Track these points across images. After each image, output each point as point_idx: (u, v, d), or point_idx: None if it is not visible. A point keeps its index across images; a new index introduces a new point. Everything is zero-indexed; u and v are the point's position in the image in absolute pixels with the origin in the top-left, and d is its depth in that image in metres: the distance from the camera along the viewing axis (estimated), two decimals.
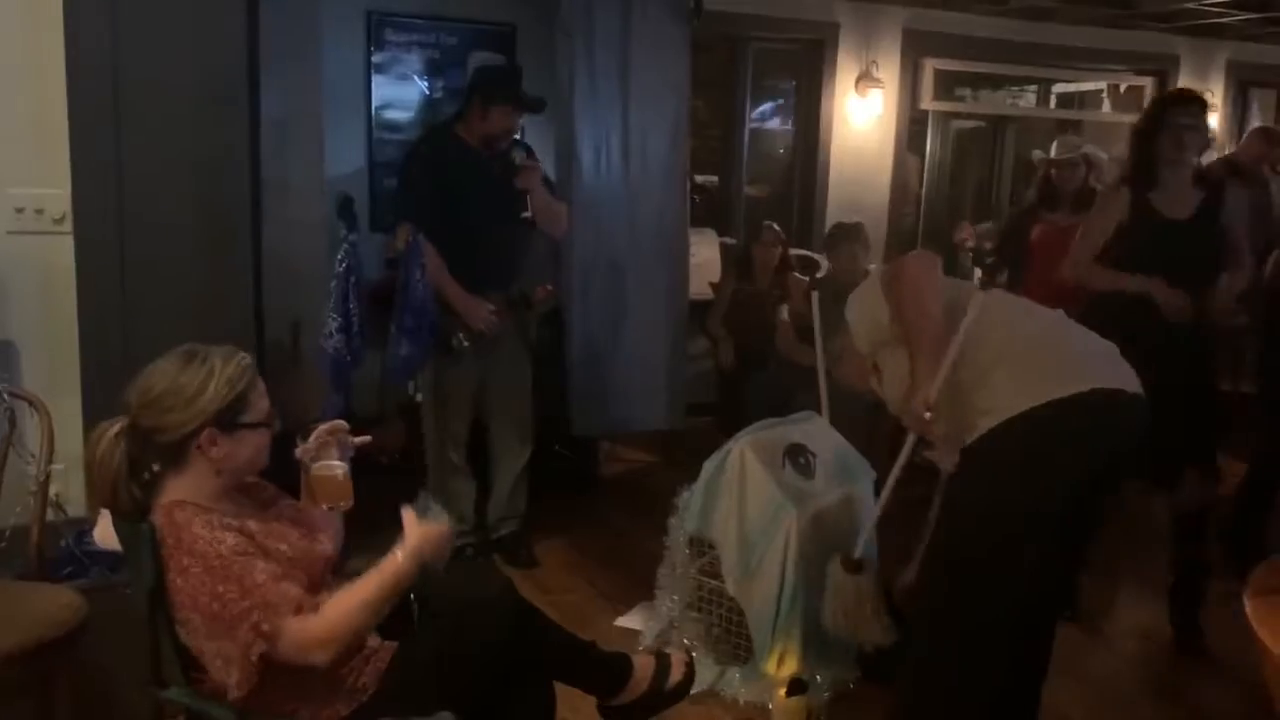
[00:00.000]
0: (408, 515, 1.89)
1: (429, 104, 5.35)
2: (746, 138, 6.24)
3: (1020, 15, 6.31)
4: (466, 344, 3.58)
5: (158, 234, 3.02)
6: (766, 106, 6.62)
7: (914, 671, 2.36)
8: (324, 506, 2.05)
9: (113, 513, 1.92)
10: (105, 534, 2.74)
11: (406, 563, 1.82)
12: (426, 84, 5.34)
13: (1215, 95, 7.19)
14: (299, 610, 1.75)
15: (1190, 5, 5.89)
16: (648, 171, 4.55)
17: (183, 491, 1.86)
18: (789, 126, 6.49)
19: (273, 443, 1.96)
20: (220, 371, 1.85)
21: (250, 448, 1.89)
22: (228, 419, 1.84)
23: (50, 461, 2.54)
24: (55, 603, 2.31)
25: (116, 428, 1.88)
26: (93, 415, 3.01)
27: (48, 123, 2.98)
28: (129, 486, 1.87)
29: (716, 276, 5.59)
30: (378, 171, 5.28)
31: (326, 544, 2.01)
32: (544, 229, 3.82)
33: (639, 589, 3.67)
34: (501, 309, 3.65)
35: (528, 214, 3.63)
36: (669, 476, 5.06)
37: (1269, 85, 7.65)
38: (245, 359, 1.91)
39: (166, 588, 1.80)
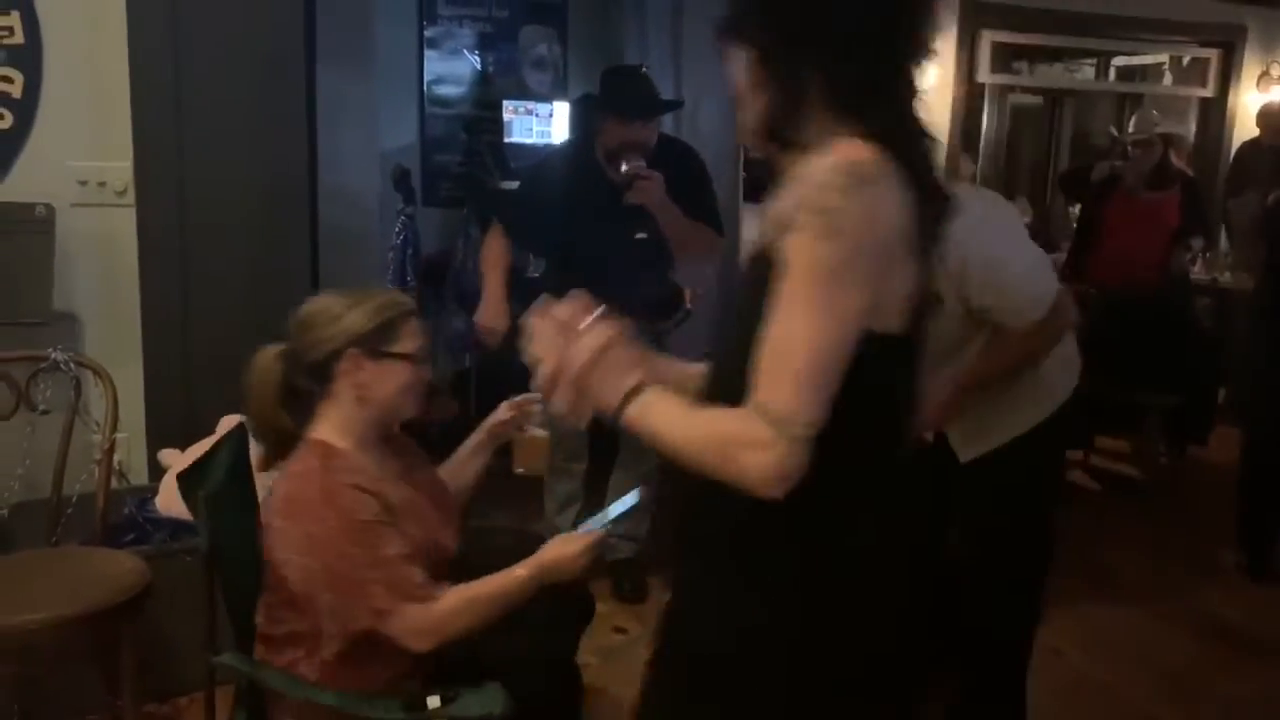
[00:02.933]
0: (555, 540, 1.88)
1: (480, 78, 5.35)
2: None
3: None
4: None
5: (217, 206, 3.05)
6: None
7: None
8: (520, 470, 2.07)
9: (263, 438, 1.92)
10: (167, 501, 2.80)
11: (527, 581, 1.81)
12: (478, 58, 5.34)
13: None
14: (416, 598, 1.76)
15: None
16: (699, 140, 4.51)
17: (332, 426, 1.86)
18: None
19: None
20: (370, 299, 1.88)
21: (396, 380, 1.87)
22: (373, 343, 1.84)
23: (115, 430, 2.58)
24: (120, 568, 2.35)
25: (276, 350, 1.89)
26: (153, 385, 3.07)
27: (110, 96, 3.01)
28: (280, 410, 1.89)
29: None
30: (429, 146, 5.31)
31: (451, 538, 2.00)
32: (679, 255, 3.42)
33: None
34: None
35: (643, 235, 3.21)
36: None
37: None
38: (402, 297, 1.96)
39: (266, 537, 1.80)
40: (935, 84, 6.07)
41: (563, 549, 1.84)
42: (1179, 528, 4.29)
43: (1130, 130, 4.81)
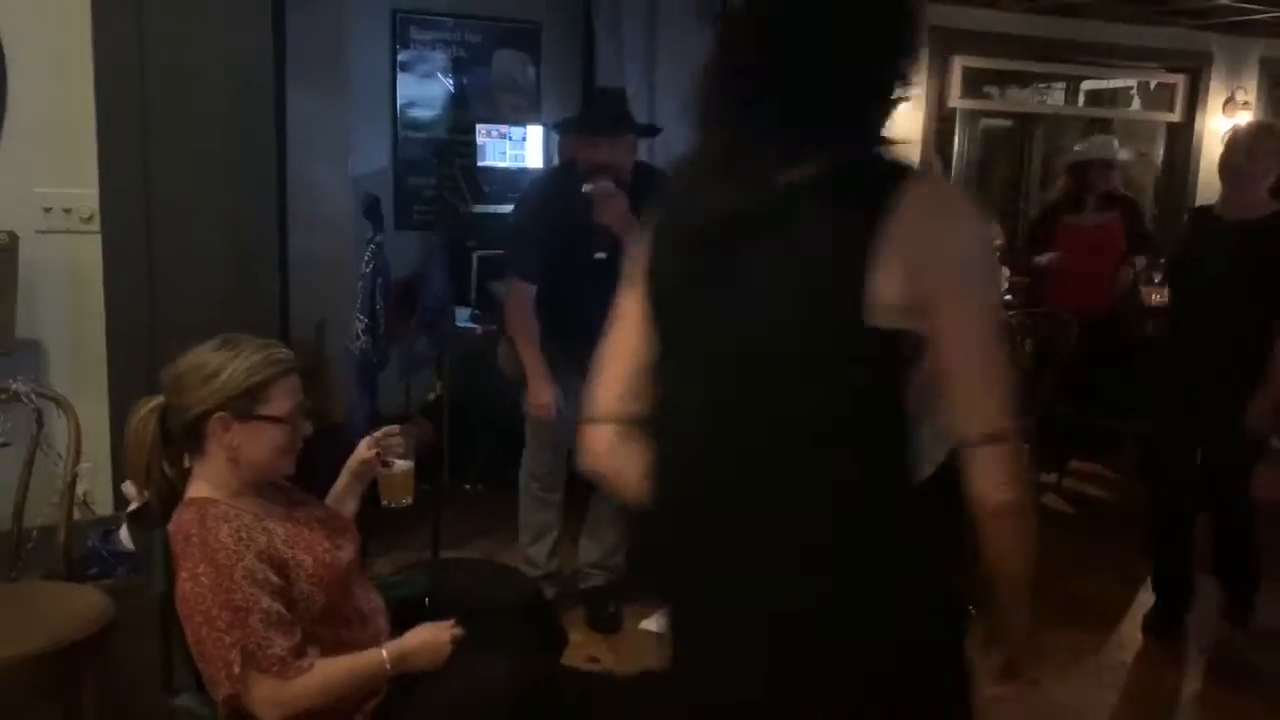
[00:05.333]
0: (422, 628, 1.91)
1: (453, 102, 5.34)
2: None
3: (1050, 11, 6.23)
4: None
5: (185, 233, 3.01)
6: None
7: None
8: (386, 503, 2.09)
9: (144, 491, 1.90)
10: (130, 534, 2.75)
11: (389, 666, 1.84)
12: (451, 82, 5.33)
13: (1248, 93, 7.10)
14: (271, 672, 1.73)
15: (1224, 2, 5.81)
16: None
17: (207, 483, 1.85)
18: None
19: (306, 446, 1.94)
20: (246, 357, 1.83)
21: (266, 442, 1.85)
22: (243, 406, 1.81)
23: (78, 461, 2.54)
24: (83, 603, 2.32)
25: (152, 404, 1.88)
26: (119, 415, 3.03)
27: (75, 123, 2.99)
28: (160, 465, 1.87)
29: None
30: (402, 170, 5.29)
31: (349, 550, 1.99)
32: None
33: None
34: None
35: (601, 255, 3.11)
36: None
37: None
38: (280, 353, 1.89)
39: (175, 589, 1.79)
40: (908, 110, 6.13)
41: (428, 637, 1.88)
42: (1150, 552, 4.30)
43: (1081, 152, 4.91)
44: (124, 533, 2.75)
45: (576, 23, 5.29)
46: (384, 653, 1.84)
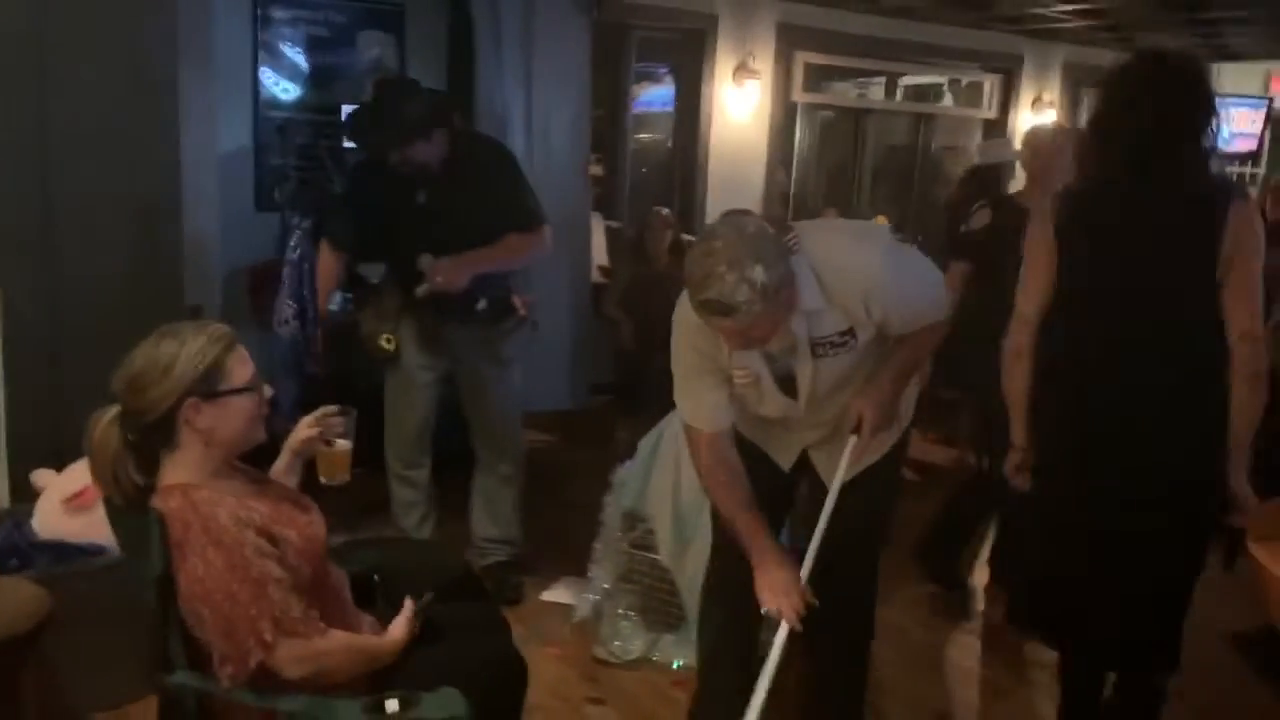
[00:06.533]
0: (408, 608, 2.03)
1: (316, 82, 5.26)
2: (630, 124, 6.38)
3: (884, 13, 6.65)
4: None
5: (84, 212, 2.93)
6: (653, 92, 6.77)
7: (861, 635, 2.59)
8: (324, 480, 2.14)
9: (113, 499, 1.91)
10: (47, 524, 2.69)
11: (389, 652, 1.97)
12: (315, 62, 5.24)
13: (1053, 93, 7.78)
14: (297, 633, 1.81)
15: (1037, 10, 6.36)
16: (551, 155, 4.65)
17: (181, 471, 1.87)
18: (670, 111, 6.66)
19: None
20: (190, 342, 1.86)
21: (238, 414, 1.90)
22: (206, 387, 1.85)
23: None
24: (18, 595, 2.27)
25: (110, 414, 1.88)
26: (15, 403, 2.93)
27: None
28: (128, 471, 1.88)
29: (603, 259, 5.72)
30: (263, 150, 5.17)
31: (321, 524, 2.06)
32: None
33: (555, 564, 3.79)
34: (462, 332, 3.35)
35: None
36: (568, 455, 5.22)
37: (1096, 85, 8.27)
38: (218, 329, 1.93)
39: (175, 575, 1.82)
40: (757, 101, 6.44)
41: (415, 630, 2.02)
42: None
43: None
44: (39, 521, 2.69)
45: (441, 4, 5.32)
46: (389, 633, 1.97)
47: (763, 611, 2.13)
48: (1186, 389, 2.19)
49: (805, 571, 2.16)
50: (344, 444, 2.24)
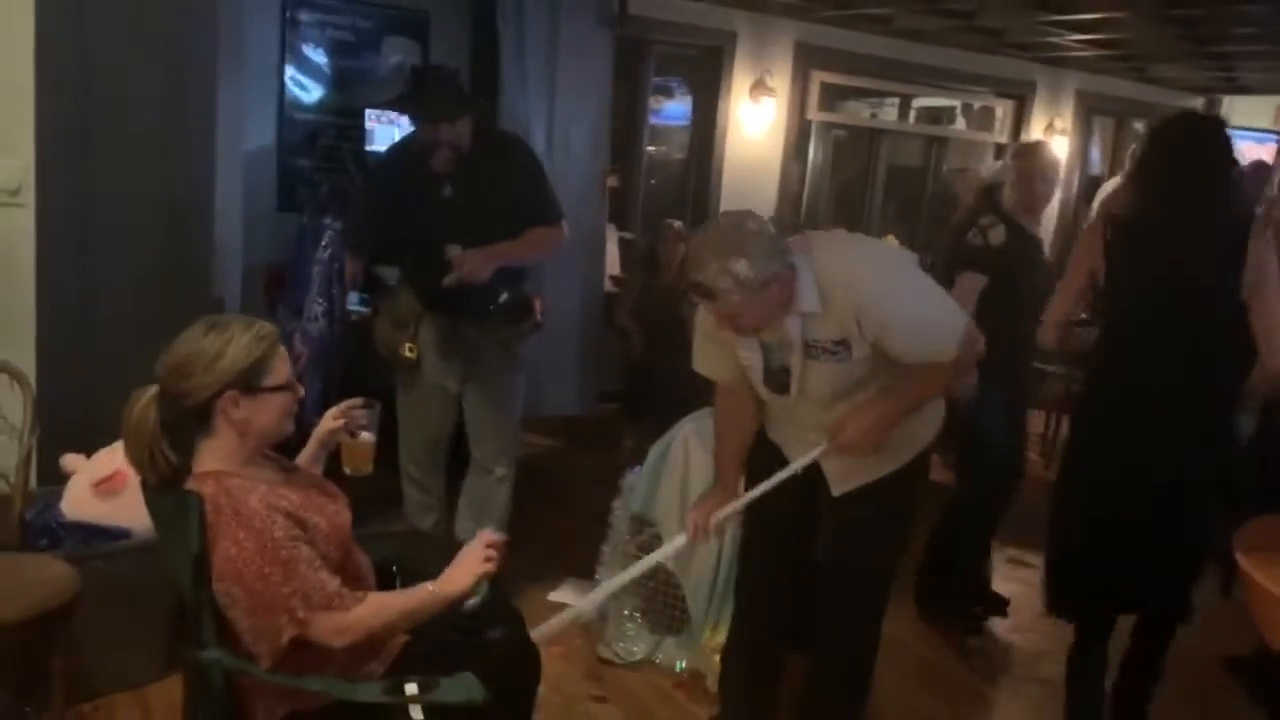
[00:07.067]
0: (481, 542, 2.05)
1: (341, 86, 5.36)
2: (647, 136, 6.47)
3: (900, 35, 6.74)
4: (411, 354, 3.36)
5: (120, 207, 3.01)
6: (667, 106, 6.86)
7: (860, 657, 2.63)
8: (348, 470, 2.22)
9: (146, 479, 1.99)
10: (74, 506, 2.77)
11: (435, 600, 1.98)
12: (340, 67, 5.34)
13: (1065, 120, 7.86)
14: (332, 606, 1.89)
15: (1051, 39, 6.45)
16: (570, 165, 4.72)
17: (215, 458, 1.95)
18: (687, 126, 6.75)
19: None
20: (239, 337, 1.94)
21: (273, 410, 1.98)
22: (247, 382, 1.93)
23: (34, 432, 2.54)
24: (49, 572, 2.35)
25: (149, 394, 1.95)
26: (47, 389, 3.00)
27: (6, 94, 2.93)
28: (163, 452, 1.95)
29: (616, 270, 5.81)
30: (287, 152, 5.27)
31: (347, 512, 2.13)
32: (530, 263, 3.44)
33: (561, 566, 3.86)
34: (470, 324, 3.34)
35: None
36: (574, 460, 5.30)
37: (1108, 113, 8.39)
38: (265, 327, 2.01)
39: (210, 556, 1.90)
40: (772, 118, 6.53)
41: (466, 574, 2.01)
42: None
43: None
44: (67, 503, 2.77)
45: (465, 12, 5.42)
46: (429, 586, 1.99)
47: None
48: (1209, 386, 2.66)
49: (728, 510, 2.48)
50: (368, 436, 2.33)
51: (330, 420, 2.31)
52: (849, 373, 2.29)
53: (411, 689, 1.93)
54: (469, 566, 2.02)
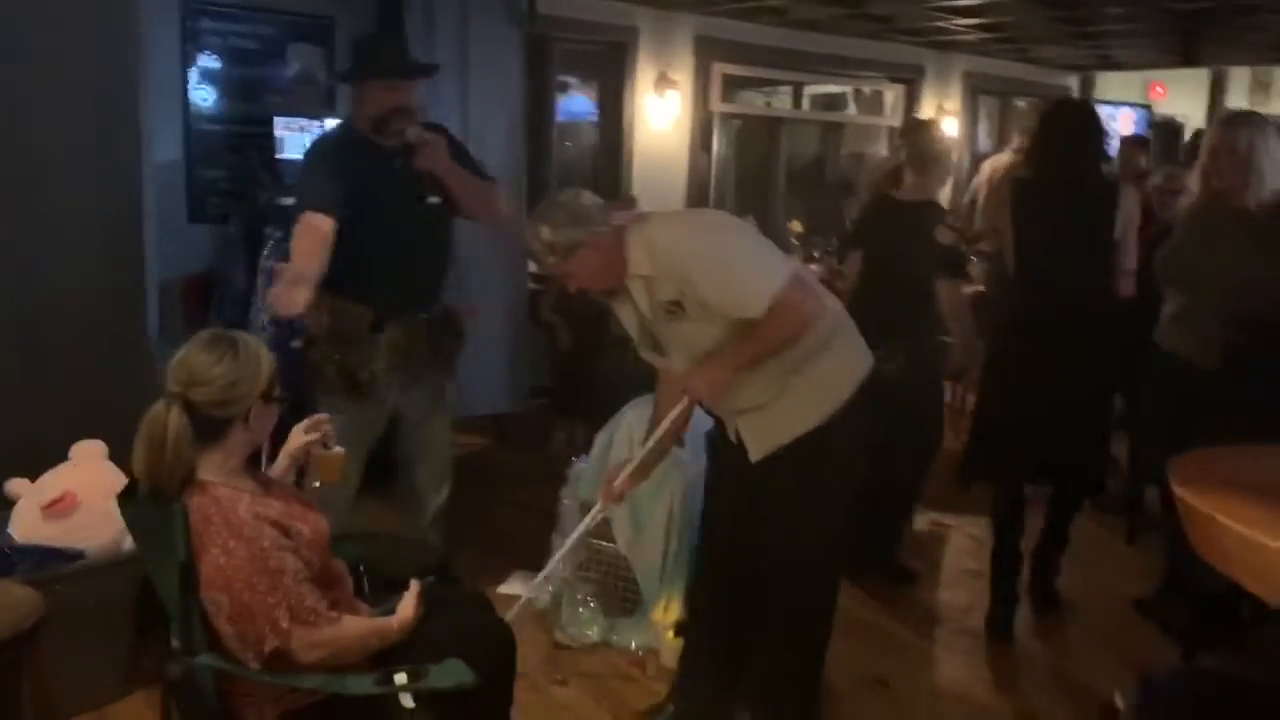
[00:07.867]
0: (414, 589, 2.15)
1: (248, 95, 5.30)
2: (555, 134, 6.54)
3: (793, 25, 6.92)
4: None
5: (54, 221, 2.97)
6: (570, 102, 6.93)
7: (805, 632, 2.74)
8: (316, 484, 2.25)
9: (139, 490, 1.98)
10: (25, 528, 2.74)
11: (397, 634, 2.10)
12: (245, 75, 5.28)
13: (954, 101, 8.18)
14: (309, 622, 1.95)
15: (939, 24, 6.71)
16: (485, 157, 4.75)
17: (213, 466, 2.00)
18: (596, 122, 6.83)
19: None
20: (262, 350, 2.05)
21: (271, 418, 2.09)
22: (269, 391, 2.04)
23: None
24: (13, 596, 2.33)
25: (179, 406, 1.94)
26: None
27: None
28: (183, 462, 1.95)
29: (536, 266, 5.86)
30: (194, 162, 5.19)
31: (323, 520, 2.18)
32: (470, 216, 3.30)
33: (503, 560, 3.92)
34: (419, 335, 3.23)
35: (435, 199, 3.12)
36: (507, 456, 5.36)
37: (993, 93, 8.75)
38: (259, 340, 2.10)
39: (197, 564, 1.92)
40: (678, 112, 6.66)
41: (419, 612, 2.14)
42: None
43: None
44: (17, 528, 2.74)
45: (372, 16, 5.40)
46: (394, 621, 2.10)
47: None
48: (1095, 299, 3.41)
49: (625, 471, 2.76)
50: (339, 449, 2.36)
51: (301, 434, 2.35)
52: (705, 332, 2.45)
53: (401, 678, 1.99)
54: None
